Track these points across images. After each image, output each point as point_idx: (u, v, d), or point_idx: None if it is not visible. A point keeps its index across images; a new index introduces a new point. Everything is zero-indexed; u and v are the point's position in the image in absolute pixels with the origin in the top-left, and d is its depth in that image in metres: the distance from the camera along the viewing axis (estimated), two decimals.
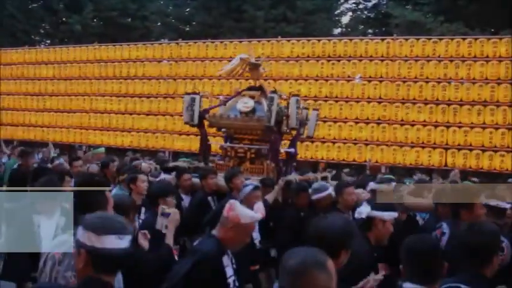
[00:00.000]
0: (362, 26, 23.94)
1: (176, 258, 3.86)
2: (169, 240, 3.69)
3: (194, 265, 2.87)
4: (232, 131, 7.30)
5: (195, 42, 15.31)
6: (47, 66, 16.93)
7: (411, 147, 12.79)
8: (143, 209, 5.14)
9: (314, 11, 20.36)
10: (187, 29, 21.59)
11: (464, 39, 12.93)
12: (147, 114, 15.36)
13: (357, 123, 13.14)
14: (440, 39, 13.15)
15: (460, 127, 12.51)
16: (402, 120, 12.96)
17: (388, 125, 12.98)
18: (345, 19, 25.12)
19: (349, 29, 23.44)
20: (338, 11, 24.58)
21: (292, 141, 7.79)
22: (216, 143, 9.18)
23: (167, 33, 21.25)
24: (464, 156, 12.24)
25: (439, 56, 12.81)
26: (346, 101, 13.32)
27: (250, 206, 4.46)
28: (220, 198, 5.95)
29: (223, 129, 7.79)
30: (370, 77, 13.25)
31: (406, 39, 13.32)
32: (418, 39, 13.23)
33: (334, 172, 10.47)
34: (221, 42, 15.07)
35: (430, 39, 13.20)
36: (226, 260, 3.01)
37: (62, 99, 16.58)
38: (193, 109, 7.29)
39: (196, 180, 6.29)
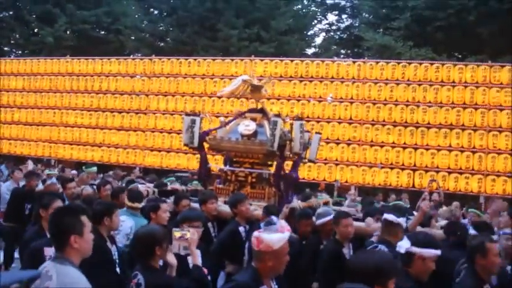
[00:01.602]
0: (335, 47, 24.40)
1: None
2: (197, 260, 3.58)
3: None
4: (233, 154, 7.03)
5: (169, 59, 15.33)
6: (16, 78, 16.66)
7: (380, 168, 13.03)
8: None
9: (287, 31, 20.66)
10: (161, 45, 21.58)
11: (432, 64, 13.36)
12: (119, 130, 15.23)
13: (327, 143, 13.31)
14: (409, 63, 13.54)
15: (427, 149, 12.84)
16: (372, 141, 13.21)
17: (358, 146, 13.20)
18: (318, 40, 25.57)
19: (322, 50, 23.84)
20: (311, 32, 24.99)
21: (294, 165, 7.41)
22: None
23: (141, 48, 21.18)
24: (431, 177, 12.52)
25: (408, 80, 13.17)
26: (317, 121, 13.50)
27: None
28: (221, 224, 5.77)
29: (223, 152, 7.54)
30: (341, 98, 13.50)
31: (377, 63, 13.67)
32: (388, 62, 13.59)
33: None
34: (195, 59, 15.14)
35: (399, 63, 13.57)
36: None
37: (32, 112, 16.30)
38: (194, 131, 6.97)
39: (195, 205, 5.95)
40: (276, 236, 2.99)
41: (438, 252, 3.32)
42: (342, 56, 23.13)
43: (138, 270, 3.28)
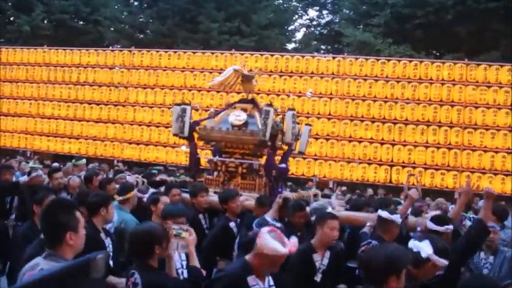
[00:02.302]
0: (315, 42, 24.53)
1: None
2: (195, 261, 3.45)
3: (214, 280, 2.90)
4: (223, 144, 6.90)
5: (149, 51, 15.20)
6: None
7: (358, 164, 13.17)
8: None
9: (268, 25, 20.68)
10: (141, 37, 21.38)
11: (410, 61, 13.53)
12: (97, 122, 15.06)
13: None
14: (388, 60, 13.69)
15: (404, 145, 13.01)
16: (350, 136, 13.33)
17: (336, 141, 13.31)
18: (299, 35, 25.66)
19: (302, 45, 23.93)
20: (292, 27, 25.06)
21: (283, 157, 7.32)
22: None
23: (120, 40, 20.96)
24: (408, 173, 12.68)
25: (386, 76, 13.32)
26: (297, 116, 13.49)
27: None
28: (212, 215, 5.72)
29: (212, 143, 7.42)
30: (320, 93, 13.59)
31: (356, 59, 13.78)
32: (367, 59, 13.71)
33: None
34: (175, 52, 15.03)
35: (378, 59, 13.71)
36: (253, 280, 2.98)
37: (7, 102, 15.98)
38: (184, 120, 6.79)
39: (185, 195, 5.85)
40: (273, 244, 2.92)
41: (446, 262, 3.35)
42: (322, 51, 23.29)
43: (135, 269, 3.16)
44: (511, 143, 12.47)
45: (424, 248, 3.26)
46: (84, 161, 10.49)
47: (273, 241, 2.92)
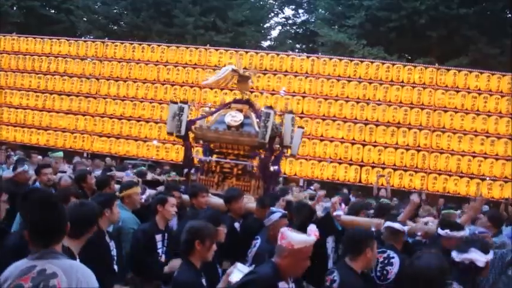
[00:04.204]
0: (290, 41, 24.62)
1: None
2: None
3: (246, 283, 2.84)
4: (218, 144, 6.83)
5: (122, 43, 14.98)
6: None
7: (329, 163, 13.30)
8: None
9: (244, 22, 20.65)
10: (115, 28, 21.06)
11: (383, 63, 13.73)
12: (67, 113, 14.77)
13: None
14: (362, 61, 13.85)
15: (375, 146, 13.21)
16: (322, 135, 13.45)
17: (308, 140, 13.40)
18: (274, 33, 25.72)
19: (277, 43, 23.99)
20: (267, 24, 25.09)
21: (276, 159, 7.23)
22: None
23: (93, 30, 20.58)
24: (378, 173, 12.88)
25: (359, 77, 13.48)
26: None
27: (278, 235, 4.36)
28: None
29: (201, 141, 7.23)
30: (293, 92, 13.67)
31: (330, 59, 13.90)
32: (341, 59, 13.85)
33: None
34: (149, 45, 14.86)
35: (352, 60, 13.86)
36: (283, 285, 2.94)
37: None
38: (181, 119, 6.67)
39: (184, 196, 5.75)
40: (300, 236, 2.94)
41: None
42: (296, 50, 23.42)
43: None
44: (477, 146, 12.81)
45: (479, 258, 3.42)
46: (61, 153, 10.18)
47: (297, 234, 2.94)
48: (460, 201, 12.18)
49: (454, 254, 3.99)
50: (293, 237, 2.91)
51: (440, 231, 4.44)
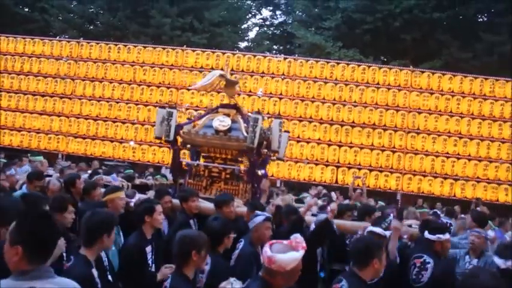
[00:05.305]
0: (267, 42, 24.67)
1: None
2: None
3: None
4: (206, 149, 6.86)
5: (98, 43, 14.83)
6: None
7: (306, 164, 13.39)
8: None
9: (221, 23, 20.60)
10: (90, 28, 20.78)
11: (359, 65, 13.90)
12: (41, 114, 14.54)
13: None
14: (338, 63, 14.01)
15: (351, 147, 13.36)
16: (299, 137, 13.54)
17: None
18: (251, 34, 25.73)
19: (254, 44, 24.02)
20: (245, 25, 25.07)
21: (262, 163, 7.27)
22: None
23: (68, 30, 20.26)
24: (353, 174, 13.04)
25: (335, 79, 13.63)
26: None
27: (261, 237, 4.30)
28: (201, 220, 5.45)
29: (188, 146, 7.23)
30: (270, 93, 13.73)
31: (307, 61, 14.01)
32: (317, 61, 13.98)
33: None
34: (125, 45, 14.74)
35: (328, 62, 14.00)
36: None
37: None
38: (170, 124, 6.62)
39: (175, 201, 5.71)
40: (290, 256, 2.74)
41: None
42: (274, 51, 23.46)
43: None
44: (451, 147, 13.07)
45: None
46: (40, 157, 9.96)
47: (286, 255, 2.74)
48: (435, 201, 12.44)
49: (499, 261, 4.16)
50: (283, 260, 2.72)
51: (430, 236, 4.49)
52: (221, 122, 6.73)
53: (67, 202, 4.30)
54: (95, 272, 3.21)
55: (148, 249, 4.34)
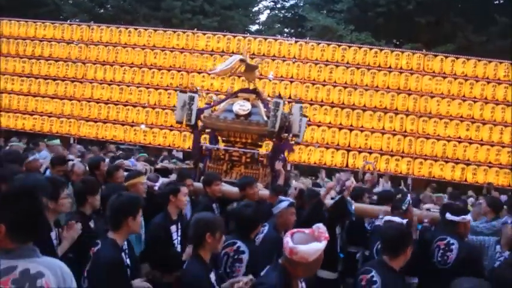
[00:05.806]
0: (278, 25, 24.50)
1: None
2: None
3: None
4: (226, 133, 6.91)
5: (108, 27, 14.80)
6: None
7: (317, 147, 13.36)
8: None
9: (232, 6, 20.48)
10: (101, 11, 20.75)
11: (371, 49, 13.74)
12: (52, 98, 14.62)
13: None
14: (350, 46, 13.85)
15: (362, 131, 13.29)
16: (309, 120, 13.44)
17: None
18: (263, 17, 25.56)
19: (265, 27, 23.86)
20: (256, 8, 24.90)
21: (283, 147, 7.32)
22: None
23: (79, 14, 20.27)
24: (364, 158, 12.99)
25: (347, 63, 13.49)
26: None
27: (286, 223, 4.39)
28: (224, 204, 5.61)
29: (207, 130, 7.24)
30: (281, 76, 13.65)
31: (318, 44, 13.88)
32: (329, 44, 13.84)
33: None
34: (135, 29, 14.70)
35: (340, 45, 13.85)
36: None
37: None
38: (192, 108, 6.73)
39: (197, 184, 5.77)
40: (313, 247, 2.65)
41: None
42: (285, 34, 23.29)
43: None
44: (463, 132, 12.95)
45: None
46: (58, 141, 10.01)
47: (308, 246, 2.66)
48: (446, 186, 12.36)
49: None
50: (305, 251, 2.64)
51: (454, 217, 4.45)
52: (241, 106, 6.81)
53: (98, 185, 4.36)
54: (124, 255, 3.24)
55: (173, 228, 4.42)
